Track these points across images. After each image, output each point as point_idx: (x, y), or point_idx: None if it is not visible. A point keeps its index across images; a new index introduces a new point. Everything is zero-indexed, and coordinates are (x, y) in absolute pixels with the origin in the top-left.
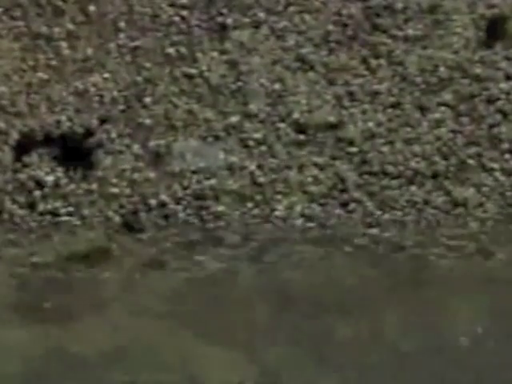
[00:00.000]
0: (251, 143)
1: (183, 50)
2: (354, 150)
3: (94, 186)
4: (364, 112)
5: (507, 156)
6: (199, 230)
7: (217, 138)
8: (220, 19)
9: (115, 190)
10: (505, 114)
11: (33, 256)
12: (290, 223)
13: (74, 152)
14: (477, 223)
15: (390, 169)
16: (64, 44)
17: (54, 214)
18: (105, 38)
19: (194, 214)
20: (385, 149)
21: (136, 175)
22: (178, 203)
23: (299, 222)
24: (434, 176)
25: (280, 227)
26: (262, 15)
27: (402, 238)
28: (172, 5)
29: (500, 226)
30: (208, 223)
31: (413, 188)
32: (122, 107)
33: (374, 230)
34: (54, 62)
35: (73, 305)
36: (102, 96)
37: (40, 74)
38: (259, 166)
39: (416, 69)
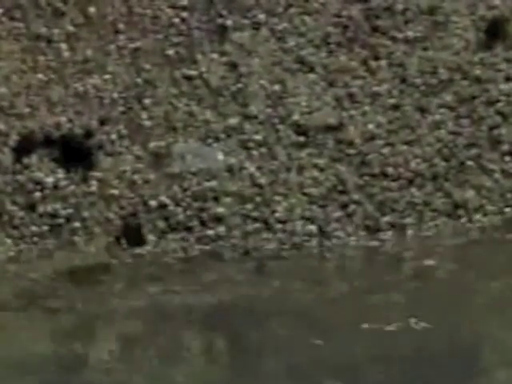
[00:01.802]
0: (251, 145)
1: (183, 51)
2: (353, 151)
3: (94, 188)
4: (364, 114)
5: (507, 158)
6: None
7: (217, 139)
8: (220, 21)
9: (115, 192)
10: (505, 116)
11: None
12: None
13: (74, 153)
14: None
15: (390, 170)
16: (64, 45)
17: (54, 215)
18: (105, 40)
19: (193, 215)
20: (385, 150)
21: (136, 176)
22: (177, 205)
23: (299, 223)
24: (434, 178)
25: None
26: (262, 17)
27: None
28: (172, 6)
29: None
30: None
31: (413, 190)
32: (121, 109)
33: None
34: (53, 64)
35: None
36: (101, 97)
37: (40, 76)
38: (259, 168)
39: (416, 70)
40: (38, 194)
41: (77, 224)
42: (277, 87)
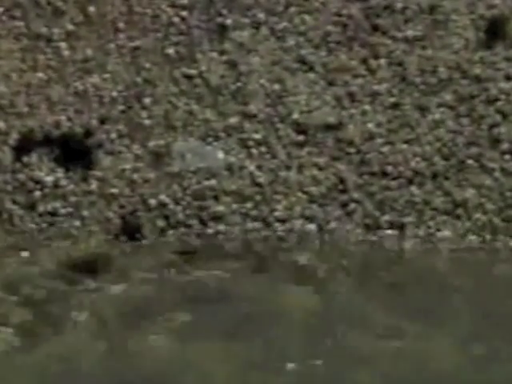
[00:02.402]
0: (251, 143)
1: (183, 50)
2: (353, 150)
3: (94, 187)
4: (364, 112)
5: (507, 156)
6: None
7: (216, 138)
8: (220, 20)
9: (115, 191)
10: (504, 115)
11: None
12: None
13: (74, 152)
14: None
15: (390, 169)
16: (64, 44)
17: (54, 214)
18: (104, 39)
19: (193, 214)
20: (384, 149)
21: (135, 175)
22: (177, 203)
23: (299, 222)
24: (434, 176)
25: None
26: (261, 16)
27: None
28: (172, 5)
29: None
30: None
31: (412, 188)
32: (121, 107)
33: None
34: (53, 63)
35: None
36: (101, 96)
37: (40, 75)
38: (259, 167)
39: (416, 69)
40: (37, 193)
41: (76, 223)
42: (276, 86)
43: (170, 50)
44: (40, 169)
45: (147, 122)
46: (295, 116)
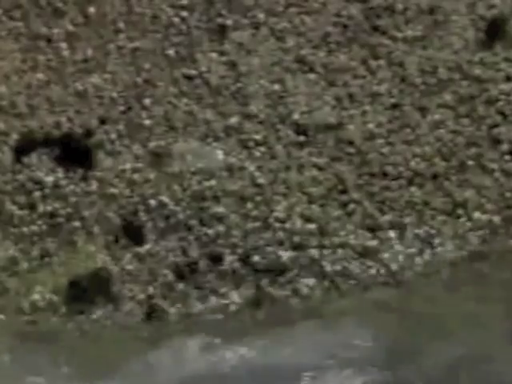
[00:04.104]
0: (251, 144)
1: (183, 51)
2: (353, 150)
3: (94, 187)
4: (364, 113)
5: (507, 157)
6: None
7: (216, 138)
8: (220, 20)
9: (115, 191)
10: (504, 115)
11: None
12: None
13: (74, 153)
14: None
15: (390, 170)
16: (64, 45)
17: (54, 215)
18: (104, 39)
19: (193, 214)
20: (385, 150)
21: (136, 176)
22: (177, 204)
23: (299, 222)
24: (434, 177)
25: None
26: (261, 16)
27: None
28: (172, 6)
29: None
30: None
31: (412, 189)
32: (121, 108)
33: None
34: (53, 63)
35: None
36: (101, 97)
37: (40, 75)
38: (259, 167)
39: (416, 70)
40: (37, 194)
41: (76, 223)
42: (276, 86)
43: (170, 51)
44: (40, 169)
45: (147, 122)
46: (295, 116)
